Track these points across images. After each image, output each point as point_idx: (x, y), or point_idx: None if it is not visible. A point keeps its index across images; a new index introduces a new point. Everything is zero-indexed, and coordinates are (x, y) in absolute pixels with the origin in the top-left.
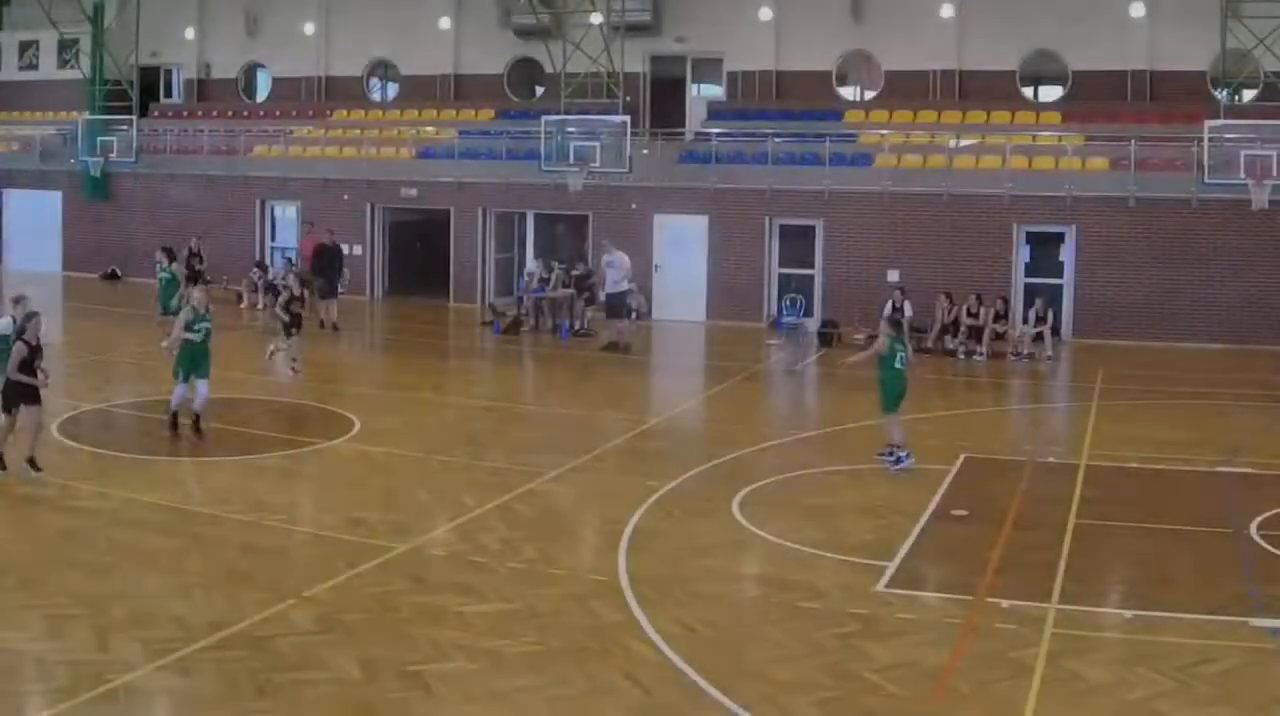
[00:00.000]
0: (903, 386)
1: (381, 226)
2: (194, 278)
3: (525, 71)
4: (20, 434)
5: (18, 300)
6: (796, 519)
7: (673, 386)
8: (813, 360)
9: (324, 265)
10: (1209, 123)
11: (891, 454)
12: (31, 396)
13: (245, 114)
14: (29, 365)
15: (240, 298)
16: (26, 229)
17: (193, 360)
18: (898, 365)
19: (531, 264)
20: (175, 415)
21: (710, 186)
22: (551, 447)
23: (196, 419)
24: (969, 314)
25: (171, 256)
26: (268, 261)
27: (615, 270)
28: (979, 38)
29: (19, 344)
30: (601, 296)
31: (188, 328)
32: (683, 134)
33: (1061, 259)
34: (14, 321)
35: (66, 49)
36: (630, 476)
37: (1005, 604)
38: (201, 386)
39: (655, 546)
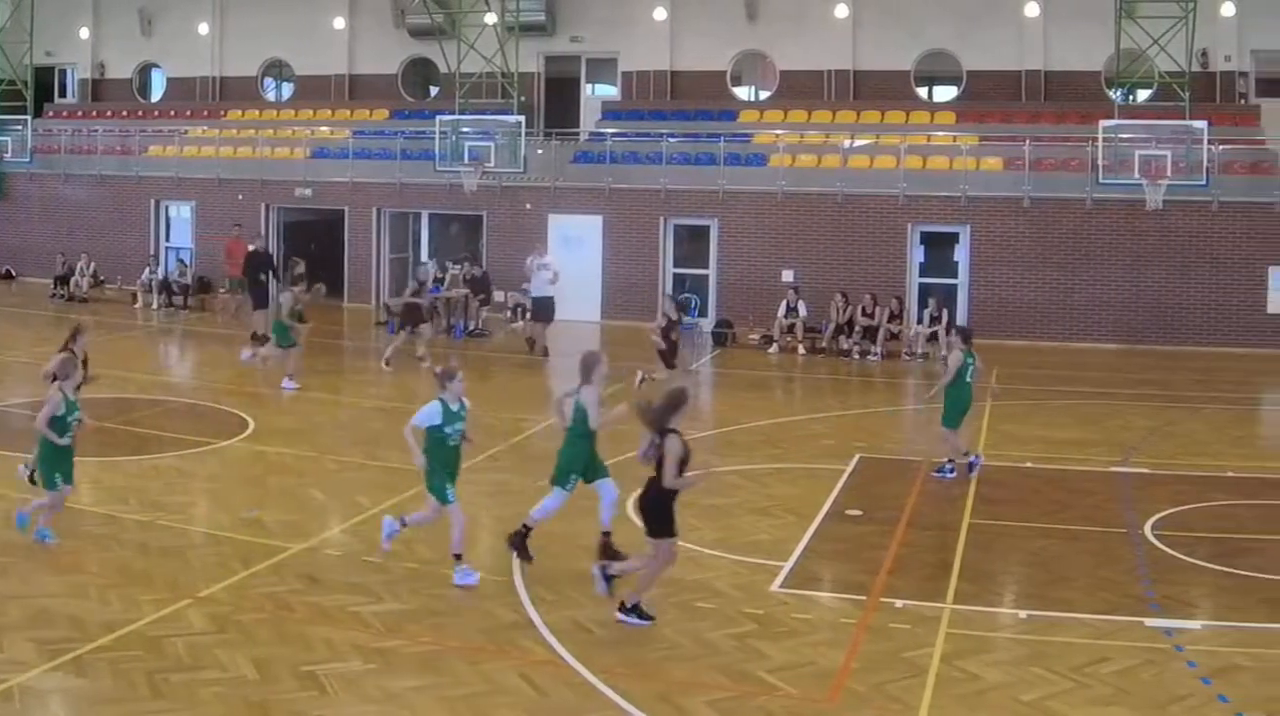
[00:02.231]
0: (969, 401)
1: (276, 226)
2: (416, 316)
3: (420, 71)
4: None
5: (449, 375)
6: (692, 518)
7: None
8: (707, 360)
9: (255, 273)
10: (1103, 123)
11: (944, 469)
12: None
13: (140, 114)
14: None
15: (135, 298)
16: None
17: (592, 454)
18: (968, 378)
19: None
20: (524, 532)
21: (605, 186)
22: None
23: (607, 536)
24: (864, 314)
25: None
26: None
27: (547, 271)
28: (874, 38)
29: (674, 441)
30: (494, 295)
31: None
32: (577, 134)
33: (956, 259)
34: (444, 405)
35: None
36: (526, 476)
37: (900, 604)
38: (608, 487)
39: (550, 546)
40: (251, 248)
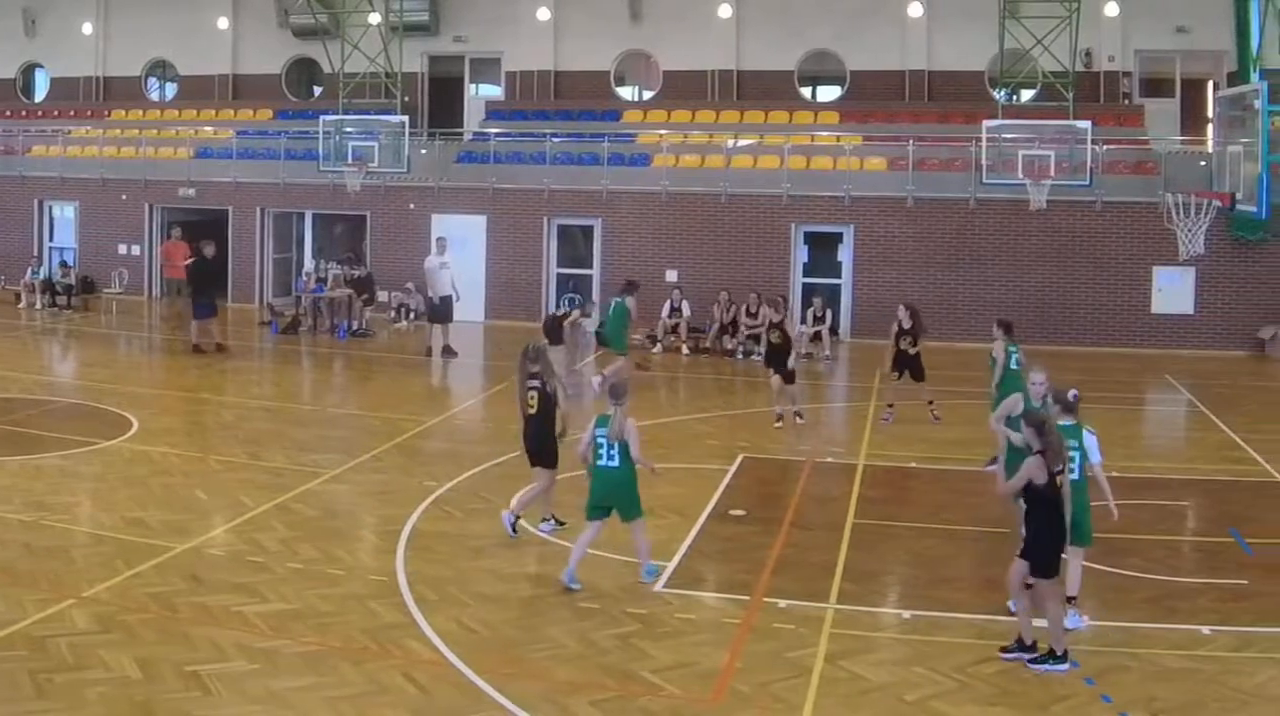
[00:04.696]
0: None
1: (160, 226)
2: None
3: (304, 71)
4: None
5: None
6: (576, 518)
7: (452, 386)
8: (591, 361)
9: (204, 280)
10: (987, 123)
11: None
12: None
13: (23, 114)
14: None
15: (19, 298)
16: None
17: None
18: (1013, 366)
19: (309, 264)
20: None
21: (488, 186)
22: (330, 447)
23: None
24: (748, 314)
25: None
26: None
27: (447, 271)
28: (757, 38)
29: None
30: (378, 295)
31: None
32: (461, 134)
33: (840, 259)
34: None
35: None
36: (409, 476)
37: (784, 604)
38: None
39: (434, 546)
40: (203, 253)
